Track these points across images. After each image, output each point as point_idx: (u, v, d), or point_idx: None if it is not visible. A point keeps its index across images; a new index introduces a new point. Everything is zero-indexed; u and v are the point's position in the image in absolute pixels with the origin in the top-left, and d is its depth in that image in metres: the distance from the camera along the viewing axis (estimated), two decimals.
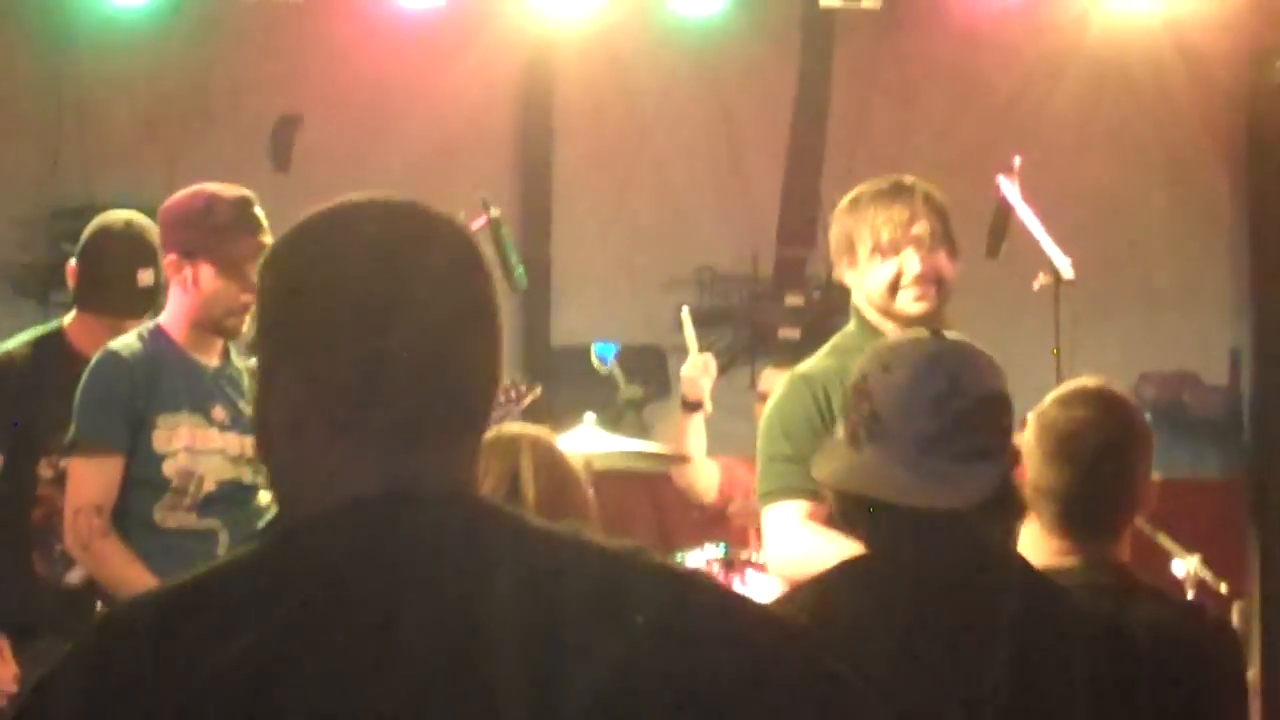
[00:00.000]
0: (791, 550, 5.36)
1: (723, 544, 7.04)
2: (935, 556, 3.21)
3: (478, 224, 6.92)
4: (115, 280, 6.08)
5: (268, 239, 5.58)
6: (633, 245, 10.14)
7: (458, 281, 2.25)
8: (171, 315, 5.59)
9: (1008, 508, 3.34)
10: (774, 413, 5.48)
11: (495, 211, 6.96)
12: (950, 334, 3.46)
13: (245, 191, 5.66)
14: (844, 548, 5.32)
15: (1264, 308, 10.19)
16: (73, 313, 6.17)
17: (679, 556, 6.84)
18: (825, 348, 5.56)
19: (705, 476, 7.62)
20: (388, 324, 2.18)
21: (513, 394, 6.86)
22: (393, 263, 2.23)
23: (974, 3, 8.67)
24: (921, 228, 5.42)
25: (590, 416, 6.86)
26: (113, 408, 5.40)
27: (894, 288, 5.37)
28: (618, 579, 2.25)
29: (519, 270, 7.08)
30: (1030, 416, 4.06)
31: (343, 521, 2.18)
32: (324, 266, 2.23)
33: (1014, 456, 3.91)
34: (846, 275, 5.53)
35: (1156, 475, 4.13)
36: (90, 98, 9.57)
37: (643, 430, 8.63)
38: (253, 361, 5.76)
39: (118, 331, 5.75)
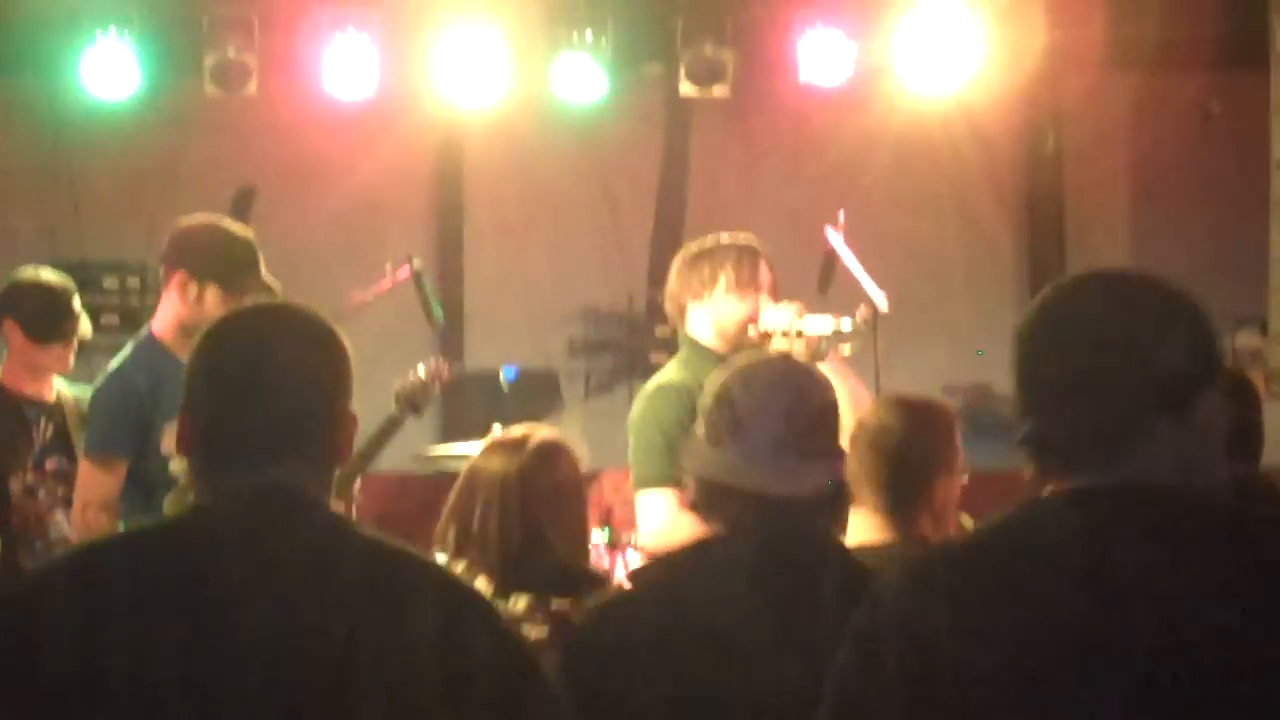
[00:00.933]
0: (664, 532, 5.26)
1: (607, 528, 6.98)
2: (778, 536, 3.18)
3: (403, 274, 6.88)
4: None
5: (265, 274, 5.54)
6: (530, 289, 10.10)
7: (304, 359, 2.64)
8: (165, 322, 5.44)
9: (837, 499, 3.31)
10: (648, 413, 5.42)
11: (418, 264, 6.91)
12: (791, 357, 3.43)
13: (249, 233, 5.59)
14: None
15: None
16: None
17: None
18: (673, 366, 5.56)
19: None
20: (253, 385, 2.61)
21: (435, 371, 6.64)
22: (260, 349, 2.64)
23: (804, 91, 8.65)
24: (765, 275, 5.46)
25: (497, 428, 6.82)
26: (118, 423, 5.28)
27: (745, 323, 5.43)
28: (386, 574, 2.57)
29: (438, 311, 7.04)
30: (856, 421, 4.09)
31: (208, 514, 2.58)
32: (217, 353, 2.66)
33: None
34: (692, 308, 5.55)
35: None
36: (81, 174, 9.47)
37: None
38: None
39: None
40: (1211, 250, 9.88)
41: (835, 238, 6.13)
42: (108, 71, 8.39)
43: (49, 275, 6.03)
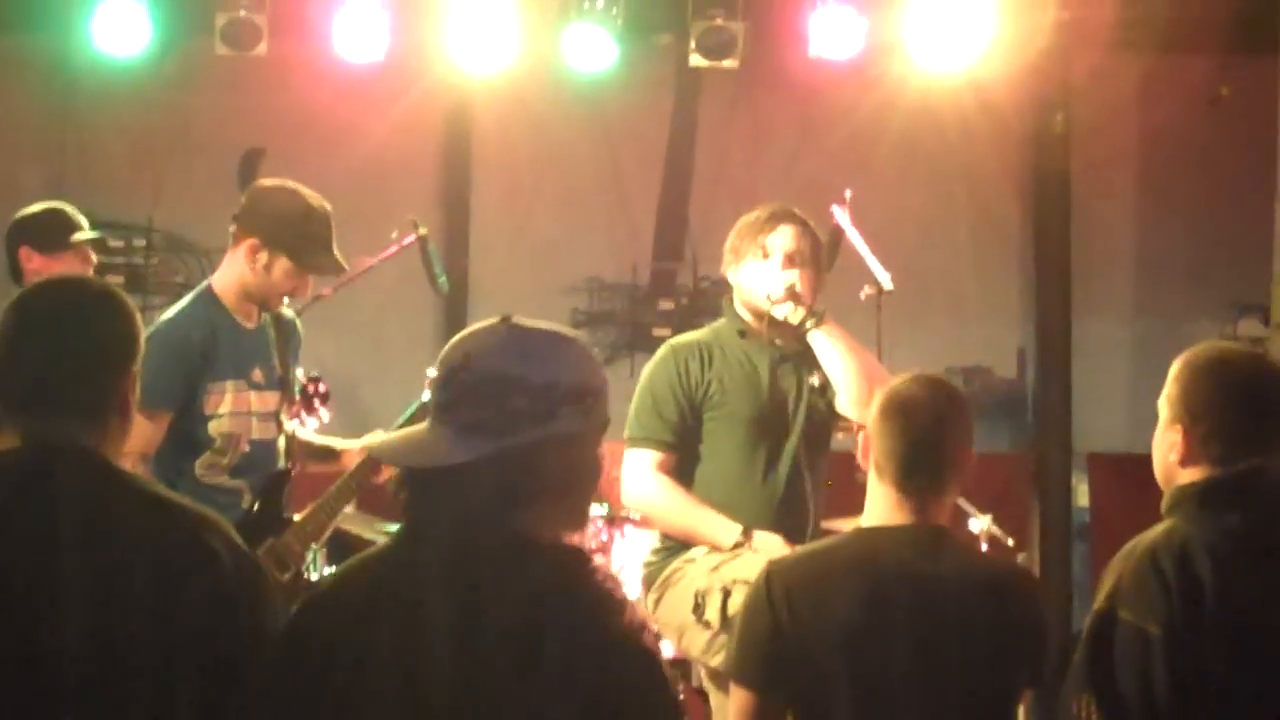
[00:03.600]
0: (640, 489, 5.45)
1: (605, 504, 7.02)
2: (423, 513, 2.87)
3: (408, 240, 6.87)
4: None
5: (338, 253, 5.45)
6: (535, 258, 10.10)
7: (88, 326, 3.10)
8: (226, 282, 5.37)
9: (518, 475, 2.83)
10: (647, 373, 5.56)
11: (423, 230, 6.89)
12: (532, 323, 2.93)
13: (329, 208, 5.44)
14: (674, 495, 5.39)
15: (1045, 316, 10.23)
16: None
17: None
18: (704, 329, 5.65)
19: None
20: (42, 346, 3.07)
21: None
22: (50, 316, 3.11)
23: (814, 65, 8.64)
24: (790, 244, 5.49)
25: None
26: (172, 374, 5.14)
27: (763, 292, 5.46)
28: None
29: (442, 278, 7.01)
30: (875, 397, 4.03)
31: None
32: (14, 321, 3.11)
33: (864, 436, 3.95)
34: (730, 274, 5.59)
35: None
36: (89, 131, 9.47)
37: None
38: (288, 313, 5.66)
39: None
40: (1216, 235, 9.90)
41: (842, 215, 6.12)
42: (119, 28, 8.39)
43: (48, 203, 6.09)
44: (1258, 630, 3.62)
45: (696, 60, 8.69)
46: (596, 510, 6.88)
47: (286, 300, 5.51)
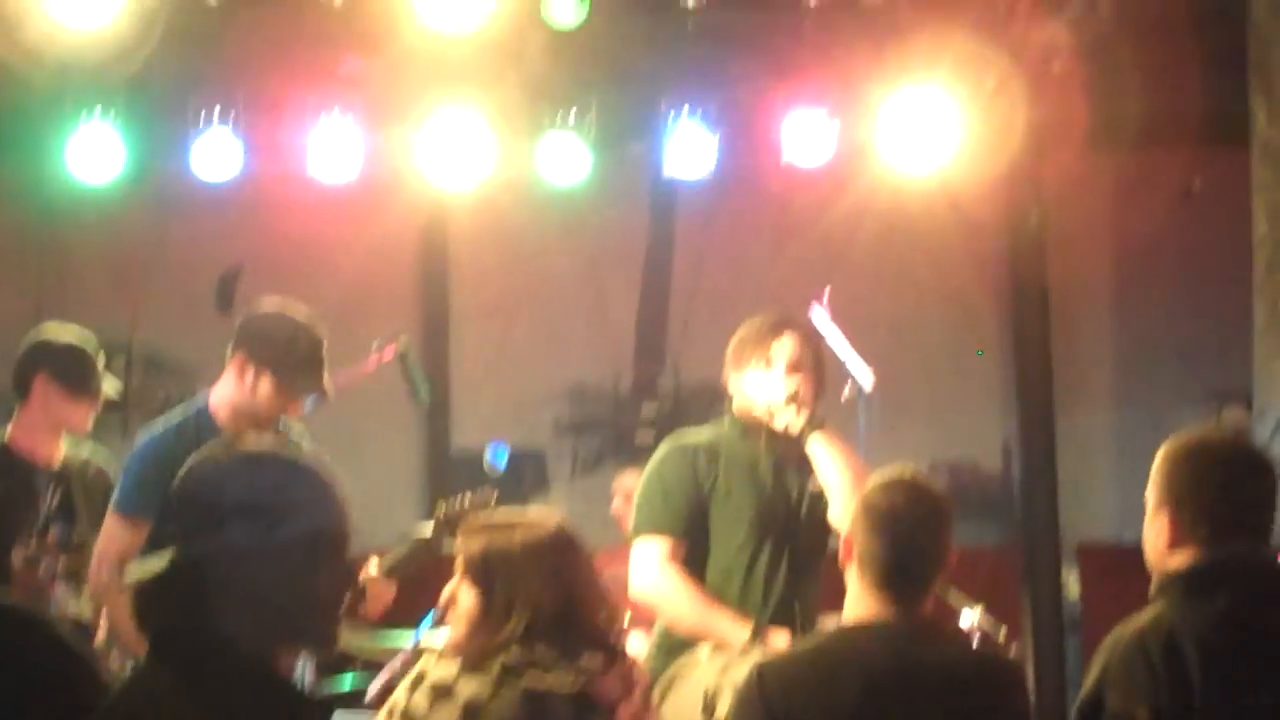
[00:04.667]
0: (652, 581, 5.39)
1: None
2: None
3: (389, 354, 6.88)
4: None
5: (326, 376, 5.48)
6: (515, 368, 10.12)
7: None
8: (219, 399, 5.43)
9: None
10: (654, 468, 5.52)
11: (404, 343, 6.89)
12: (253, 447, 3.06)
13: (321, 331, 5.48)
14: (687, 590, 5.36)
15: (1026, 409, 10.24)
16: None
17: None
18: (709, 426, 5.64)
19: None
20: None
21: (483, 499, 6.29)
22: None
23: (788, 170, 8.69)
24: (792, 354, 5.53)
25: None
26: (151, 486, 5.13)
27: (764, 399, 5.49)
28: None
29: (423, 390, 7.02)
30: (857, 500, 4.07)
31: None
32: None
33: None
34: (733, 379, 5.59)
35: None
36: (68, 256, 9.51)
37: None
38: (297, 429, 5.65)
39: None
40: (1196, 326, 9.93)
41: (820, 316, 6.15)
42: (93, 154, 8.41)
43: (77, 331, 6.02)
44: (1244, 715, 3.64)
45: (671, 169, 8.77)
46: None
47: (287, 421, 5.53)
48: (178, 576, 2.83)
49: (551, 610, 3.95)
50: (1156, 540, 3.84)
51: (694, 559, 5.47)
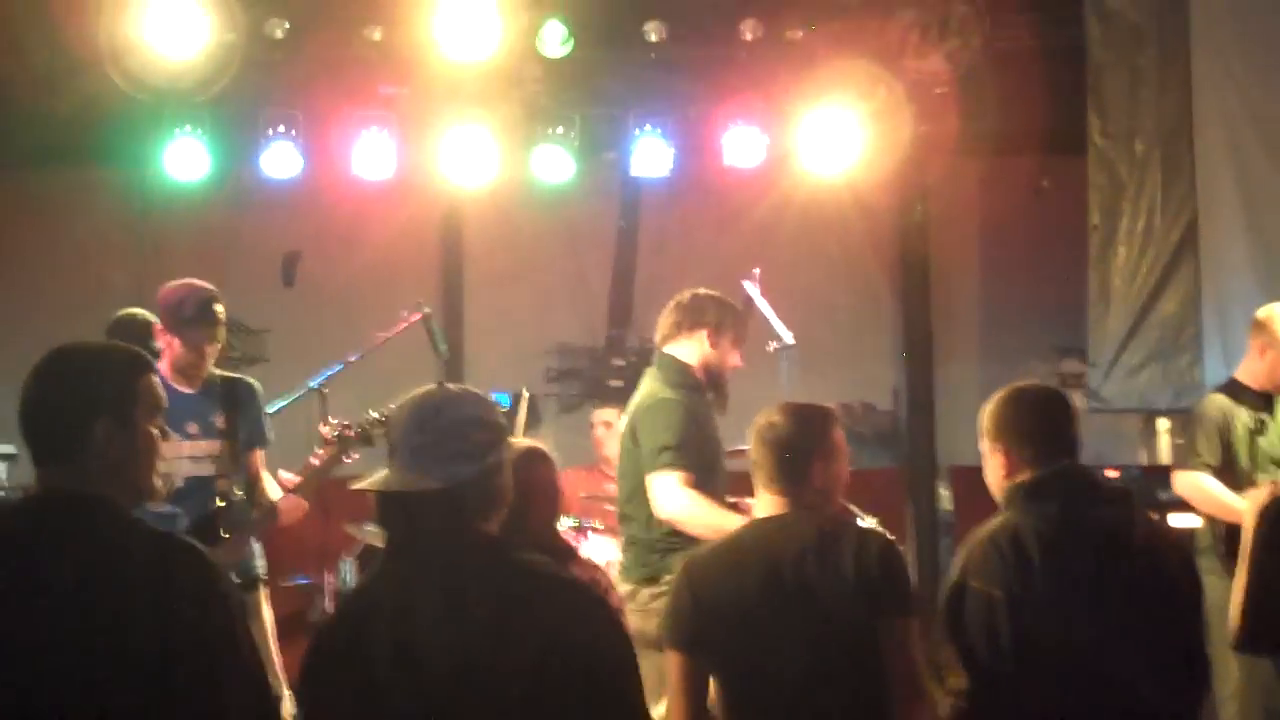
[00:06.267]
0: (679, 503, 5.26)
1: (574, 517, 6.97)
2: (420, 526, 2.93)
3: (415, 317, 6.88)
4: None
5: (219, 327, 5.48)
6: (515, 329, 10.08)
7: (58, 389, 2.86)
8: (163, 361, 5.47)
9: (485, 492, 2.95)
10: (666, 414, 5.39)
11: (427, 309, 6.91)
12: (457, 386, 3.11)
13: (210, 291, 5.48)
14: (708, 504, 5.23)
15: (912, 360, 10.22)
16: None
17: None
18: (671, 386, 5.50)
19: None
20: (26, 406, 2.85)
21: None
22: (34, 381, 2.87)
23: (728, 171, 8.72)
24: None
25: None
26: None
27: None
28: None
29: (442, 346, 7.04)
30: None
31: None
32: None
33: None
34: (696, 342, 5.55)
35: (850, 468, 4.08)
36: (163, 241, 9.46)
37: None
38: (248, 382, 5.66)
39: None
40: (1044, 296, 9.93)
41: (752, 288, 6.17)
42: (183, 159, 8.44)
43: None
44: (1077, 591, 3.66)
45: (637, 171, 8.79)
46: (567, 522, 6.84)
47: (235, 370, 5.58)
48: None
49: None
50: (996, 472, 3.87)
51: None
